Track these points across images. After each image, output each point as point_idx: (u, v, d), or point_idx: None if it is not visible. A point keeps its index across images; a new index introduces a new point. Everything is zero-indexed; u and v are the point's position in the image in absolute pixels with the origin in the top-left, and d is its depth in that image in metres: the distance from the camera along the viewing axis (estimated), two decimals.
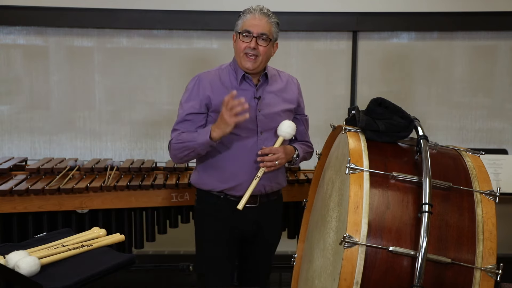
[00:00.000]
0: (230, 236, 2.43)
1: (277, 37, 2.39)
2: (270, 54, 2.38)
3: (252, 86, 2.39)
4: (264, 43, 2.31)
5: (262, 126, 2.37)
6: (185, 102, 2.39)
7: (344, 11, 3.66)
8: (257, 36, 2.30)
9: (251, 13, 2.33)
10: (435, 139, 2.15)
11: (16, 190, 2.80)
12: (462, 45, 3.76)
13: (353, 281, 1.64)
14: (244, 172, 2.35)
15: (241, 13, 2.37)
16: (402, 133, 1.95)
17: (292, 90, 2.50)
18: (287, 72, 2.57)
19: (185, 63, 3.70)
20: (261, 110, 2.37)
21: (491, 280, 1.67)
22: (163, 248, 3.80)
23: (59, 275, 1.84)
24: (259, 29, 2.30)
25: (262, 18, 2.31)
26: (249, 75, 2.38)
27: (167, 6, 3.60)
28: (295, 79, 2.57)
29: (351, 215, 1.67)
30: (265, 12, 2.34)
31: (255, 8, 2.34)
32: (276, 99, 2.42)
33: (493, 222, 1.72)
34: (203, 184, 2.43)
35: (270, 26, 2.33)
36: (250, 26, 2.30)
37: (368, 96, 2.52)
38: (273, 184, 2.44)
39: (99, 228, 2.24)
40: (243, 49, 2.31)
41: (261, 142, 2.36)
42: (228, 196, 2.38)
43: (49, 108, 3.71)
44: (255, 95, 2.38)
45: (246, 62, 2.32)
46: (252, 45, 2.30)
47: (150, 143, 3.75)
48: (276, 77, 2.48)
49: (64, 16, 3.58)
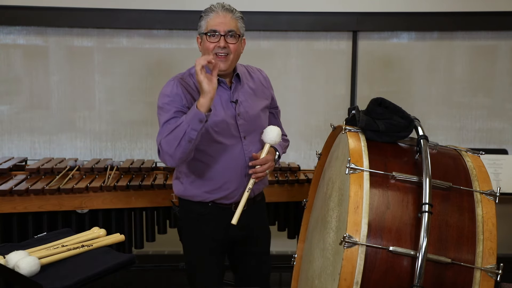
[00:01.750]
0: (219, 242, 2.36)
1: (243, 32, 2.29)
2: (240, 51, 2.29)
3: (227, 89, 2.30)
4: (233, 40, 2.21)
5: (244, 131, 2.29)
6: (168, 104, 2.20)
7: (344, 11, 3.66)
8: (225, 34, 2.19)
9: (213, 11, 2.22)
10: (435, 139, 2.15)
11: (16, 190, 2.80)
12: (462, 45, 3.76)
13: (353, 281, 1.64)
14: (233, 180, 2.28)
15: (203, 13, 2.25)
16: (402, 133, 1.95)
17: (264, 85, 2.43)
18: (254, 66, 2.49)
19: (185, 63, 3.69)
20: (240, 114, 2.29)
21: (491, 280, 1.67)
22: (163, 248, 3.80)
23: (59, 275, 1.84)
24: (226, 26, 2.20)
25: (226, 15, 2.21)
26: (222, 77, 2.27)
27: (167, 6, 3.60)
28: (263, 72, 2.48)
29: (351, 215, 1.67)
30: (228, 8, 2.24)
31: (216, 5, 2.24)
32: (252, 100, 2.35)
33: (493, 222, 1.72)
34: (190, 196, 2.33)
35: (236, 22, 2.23)
36: (216, 25, 2.20)
37: (368, 96, 2.53)
38: (261, 187, 2.41)
39: (99, 228, 2.24)
40: (212, 49, 2.19)
41: (246, 147, 2.29)
42: (218, 204, 2.31)
43: (49, 108, 3.71)
44: (231, 99, 2.29)
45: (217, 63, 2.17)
46: (221, 44, 2.19)
47: (150, 143, 3.75)
48: (246, 75, 2.39)
49: (64, 16, 3.57)
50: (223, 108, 2.27)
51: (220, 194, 2.29)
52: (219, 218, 2.31)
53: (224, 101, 2.28)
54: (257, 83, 2.41)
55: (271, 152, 2.33)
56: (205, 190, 2.30)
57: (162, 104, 2.22)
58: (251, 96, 2.35)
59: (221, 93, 2.28)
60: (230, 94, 2.30)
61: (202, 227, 2.35)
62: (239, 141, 2.28)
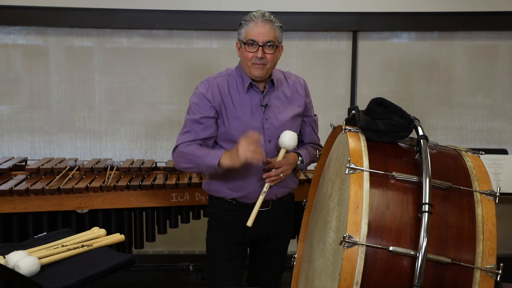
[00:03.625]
0: (241, 238, 2.42)
1: (282, 40, 2.32)
2: (277, 59, 2.33)
3: (259, 93, 2.34)
4: (271, 50, 2.25)
5: (270, 135, 2.33)
6: (196, 105, 2.32)
7: (344, 11, 3.66)
8: (263, 44, 2.23)
9: (253, 20, 2.24)
10: (435, 139, 2.16)
11: (16, 190, 2.80)
12: (462, 45, 3.76)
13: (353, 281, 1.64)
14: (253, 181, 2.33)
15: (243, 21, 2.28)
16: (402, 133, 1.95)
17: (299, 93, 2.44)
18: (293, 73, 2.52)
19: (185, 63, 3.70)
20: (268, 119, 2.33)
21: (491, 280, 1.67)
22: (163, 248, 3.80)
23: (59, 275, 1.84)
24: (264, 37, 2.23)
25: (265, 25, 2.23)
26: (256, 82, 2.34)
27: (167, 6, 3.60)
28: (302, 79, 2.50)
29: (351, 215, 1.68)
30: (268, 17, 2.25)
31: (257, 15, 2.25)
32: (283, 106, 2.38)
33: (493, 222, 1.72)
34: (214, 191, 2.41)
35: (275, 32, 2.26)
36: (254, 35, 2.23)
37: (368, 96, 2.53)
38: (284, 190, 2.42)
39: (99, 228, 2.24)
40: (250, 58, 2.25)
41: (270, 150, 2.33)
42: (240, 202, 2.37)
43: (49, 108, 3.71)
44: (261, 103, 2.34)
45: (254, 71, 2.27)
46: (259, 55, 2.24)
47: (150, 143, 3.75)
48: (282, 81, 2.42)
49: (64, 16, 3.57)
50: (251, 111, 2.32)
51: (241, 192, 2.36)
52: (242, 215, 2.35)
53: (254, 105, 2.33)
54: (292, 90, 2.43)
55: (290, 157, 2.35)
56: (227, 187, 2.37)
57: (192, 103, 2.35)
58: (283, 102, 2.38)
59: (253, 96, 2.33)
60: (261, 98, 2.34)
61: (226, 221, 2.41)
62: (263, 144, 2.30)
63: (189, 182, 2.95)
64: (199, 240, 3.68)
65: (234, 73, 2.38)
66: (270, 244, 2.50)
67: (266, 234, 2.45)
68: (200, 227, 3.16)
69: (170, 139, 3.74)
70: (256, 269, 2.58)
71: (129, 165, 3.13)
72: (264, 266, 2.54)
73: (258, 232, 2.41)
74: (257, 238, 2.46)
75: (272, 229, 2.45)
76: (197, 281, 3.05)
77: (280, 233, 2.51)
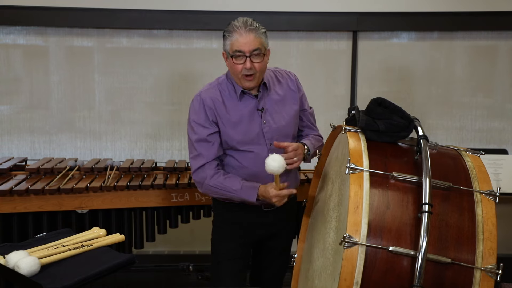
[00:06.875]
0: (247, 239, 2.44)
1: (268, 43, 2.29)
2: (265, 64, 2.31)
3: (253, 98, 2.33)
4: (258, 59, 2.22)
5: (270, 138, 2.33)
6: (198, 124, 2.31)
7: (344, 11, 3.66)
8: (250, 54, 2.20)
9: (236, 31, 2.20)
10: (435, 139, 2.16)
11: (16, 190, 2.80)
12: (462, 45, 3.76)
13: (353, 281, 1.64)
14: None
15: (226, 32, 2.24)
16: (402, 133, 1.95)
17: (292, 89, 2.44)
18: (282, 69, 2.50)
19: (185, 63, 3.70)
20: (266, 122, 2.33)
21: (491, 280, 1.67)
22: (163, 248, 3.80)
23: (59, 275, 1.84)
24: (250, 46, 2.19)
25: (249, 34, 2.19)
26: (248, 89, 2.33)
27: (167, 6, 3.60)
28: (292, 74, 2.48)
29: (351, 215, 1.68)
30: (251, 26, 2.21)
31: (239, 25, 2.20)
32: (280, 107, 2.37)
33: (493, 222, 1.72)
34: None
35: (260, 39, 2.22)
36: (240, 46, 2.19)
37: (368, 96, 2.52)
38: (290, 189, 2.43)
39: (99, 228, 2.24)
40: (240, 70, 2.23)
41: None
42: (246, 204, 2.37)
43: (49, 108, 3.71)
44: (257, 107, 2.33)
45: (245, 83, 2.27)
46: (248, 66, 2.21)
47: (150, 143, 3.75)
48: (274, 81, 2.41)
49: (64, 16, 3.57)
50: (248, 117, 2.32)
51: None
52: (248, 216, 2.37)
53: (251, 110, 2.33)
54: (285, 88, 2.43)
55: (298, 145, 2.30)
56: None
57: (192, 121, 2.34)
58: (278, 103, 2.38)
59: (248, 102, 2.33)
60: (256, 103, 2.34)
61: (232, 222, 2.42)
62: (265, 148, 2.32)
63: (189, 182, 2.95)
64: (199, 240, 3.70)
65: (225, 81, 2.36)
66: (275, 242, 2.51)
67: (271, 234, 2.47)
68: (200, 227, 3.17)
69: (170, 139, 3.74)
70: (261, 267, 2.58)
71: (129, 165, 3.13)
72: (270, 264, 2.55)
73: (263, 232, 2.44)
74: (263, 238, 2.48)
75: (277, 229, 2.47)
76: (197, 281, 3.04)
77: (285, 232, 2.53)
